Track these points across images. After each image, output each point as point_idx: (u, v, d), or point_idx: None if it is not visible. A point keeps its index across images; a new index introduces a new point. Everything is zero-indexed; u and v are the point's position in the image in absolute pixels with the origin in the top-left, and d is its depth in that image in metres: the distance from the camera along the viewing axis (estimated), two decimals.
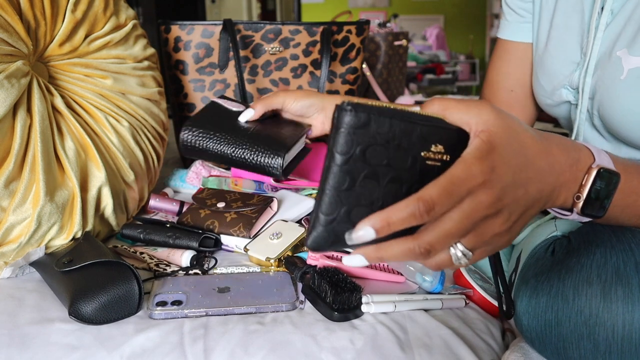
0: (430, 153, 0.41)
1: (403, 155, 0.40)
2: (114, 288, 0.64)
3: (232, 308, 0.65)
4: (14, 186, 0.72)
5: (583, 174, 0.48)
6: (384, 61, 2.06)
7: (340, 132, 0.39)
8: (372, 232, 0.39)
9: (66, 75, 0.86)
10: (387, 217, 0.39)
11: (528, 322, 0.53)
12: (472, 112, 0.43)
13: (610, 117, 0.69)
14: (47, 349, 0.58)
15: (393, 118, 0.40)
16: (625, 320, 0.47)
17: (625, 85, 0.66)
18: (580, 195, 0.48)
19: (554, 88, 0.79)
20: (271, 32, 1.20)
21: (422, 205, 0.38)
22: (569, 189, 0.48)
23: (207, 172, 1.12)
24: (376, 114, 0.39)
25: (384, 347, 0.59)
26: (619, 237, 0.52)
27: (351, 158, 0.39)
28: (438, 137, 0.41)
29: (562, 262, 0.53)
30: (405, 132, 0.40)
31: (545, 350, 0.53)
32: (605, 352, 0.48)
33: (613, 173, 0.49)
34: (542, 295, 0.52)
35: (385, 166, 0.40)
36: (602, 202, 0.49)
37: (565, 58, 0.76)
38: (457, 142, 0.42)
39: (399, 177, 0.40)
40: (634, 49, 0.65)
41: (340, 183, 0.39)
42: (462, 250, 0.41)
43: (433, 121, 0.42)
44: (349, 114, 0.39)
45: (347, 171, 0.39)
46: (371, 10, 6.79)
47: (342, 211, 0.40)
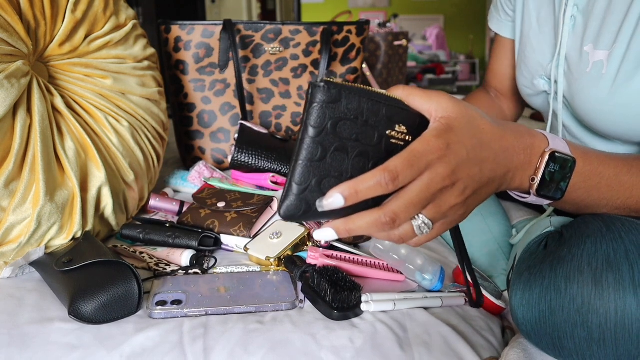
0: (394, 132, 0.45)
1: (370, 131, 0.44)
2: (113, 288, 0.64)
3: (232, 307, 0.65)
4: (14, 186, 0.72)
5: (537, 157, 0.52)
6: (384, 61, 2.07)
7: (313, 107, 0.42)
8: (342, 199, 0.42)
9: (66, 75, 0.87)
10: (355, 185, 0.42)
11: (523, 314, 0.54)
12: (433, 100, 0.47)
13: (580, 109, 0.74)
14: (47, 348, 0.58)
15: (362, 96, 0.43)
16: (617, 306, 0.48)
17: (590, 78, 0.70)
18: (535, 178, 0.52)
19: (532, 77, 0.84)
20: (271, 32, 1.21)
21: (387, 174, 0.42)
22: (524, 172, 0.51)
23: (210, 173, 1.12)
24: (347, 92, 0.43)
25: (383, 346, 0.59)
26: (609, 226, 0.52)
27: (323, 131, 0.42)
28: (402, 118, 0.46)
29: (554, 254, 0.54)
30: (373, 110, 0.44)
31: (541, 342, 0.54)
32: (600, 340, 0.48)
33: (568, 157, 0.53)
34: (535, 287, 0.53)
35: (354, 141, 0.43)
36: (557, 184, 0.53)
37: (541, 49, 0.81)
38: (419, 126, 0.47)
39: (366, 152, 0.44)
40: (599, 43, 0.70)
41: (313, 154, 0.42)
42: (423, 219, 0.45)
43: (398, 103, 0.46)
44: (322, 90, 0.42)
45: (319, 143, 0.42)
46: (371, 10, 6.79)
47: (313, 181, 0.43)
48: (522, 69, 0.86)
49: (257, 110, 1.26)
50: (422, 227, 0.45)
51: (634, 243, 0.50)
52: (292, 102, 1.27)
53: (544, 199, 0.53)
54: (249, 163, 1.05)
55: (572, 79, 0.74)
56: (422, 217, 0.45)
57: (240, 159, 1.05)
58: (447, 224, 0.48)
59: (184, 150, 1.26)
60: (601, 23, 0.69)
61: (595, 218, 0.55)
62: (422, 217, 0.45)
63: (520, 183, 0.52)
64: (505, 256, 0.81)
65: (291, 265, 0.75)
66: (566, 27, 0.74)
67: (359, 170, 0.44)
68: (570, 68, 0.74)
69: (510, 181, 0.51)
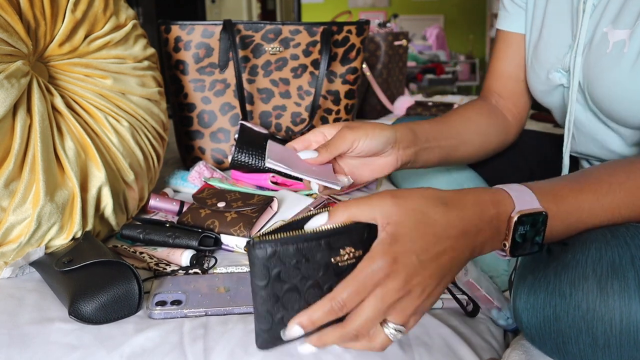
0: (339, 257, 0.46)
1: (315, 267, 0.46)
2: (113, 288, 0.64)
3: (232, 308, 0.65)
4: (14, 186, 0.72)
5: (505, 225, 0.51)
6: (384, 61, 2.06)
7: (255, 265, 0.45)
8: (299, 329, 0.45)
9: (66, 75, 0.86)
10: (309, 315, 0.45)
11: (527, 319, 0.54)
12: (375, 208, 0.47)
13: (599, 94, 0.72)
14: (47, 348, 0.58)
15: (297, 242, 0.45)
16: (622, 313, 0.47)
17: (611, 58, 0.69)
18: (506, 243, 0.51)
19: (548, 72, 0.81)
20: (271, 32, 1.21)
21: (335, 304, 0.45)
22: (494, 242, 0.51)
23: (210, 173, 1.12)
24: (280, 245, 0.45)
25: None
26: (614, 232, 0.52)
27: (269, 283, 0.45)
28: (344, 242, 0.46)
29: (558, 259, 0.54)
30: (311, 249, 0.45)
31: (545, 346, 0.54)
32: (604, 346, 0.48)
33: (536, 214, 0.51)
34: (540, 292, 0.53)
35: (302, 279, 0.46)
36: (531, 240, 0.52)
37: (558, 43, 0.79)
38: (368, 236, 0.47)
39: (317, 283, 0.46)
40: (618, 23, 0.68)
41: (266, 302, 0.46)
42: (394, 327, 0.46)
43: (337, 230, 0.46)
44: (258, 250, 0.45)
45: (270, 293, 0.45)
46: (371, 10, 6.78)
47: (275, 320, 0.46)
48: (535, 66, 0.84)
49: (257, 110, 1.26)
50: (395, 333, 0.46)
51: (639, 248, 0.49)
52: (292, 102, 1.27)
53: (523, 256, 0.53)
54: (249, 163, 1.05)
55: (591, 63, 0.72)
56: (392, 325, 0.46)
57: (241, 159, 1.05)
58: (420, 314, 0.48)
59: (184, 150, 1.26)
60: (622, 4, 0.68)
61: None
62: (391, 324, 0.46)
63: (492, 249, 0.52)
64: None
65: None
66: (586, 16, 0.73)
67: (315, 298, 0.46)
68: (589, 52, 0.73)
69: (481, 251, 0.51)
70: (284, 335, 0.46)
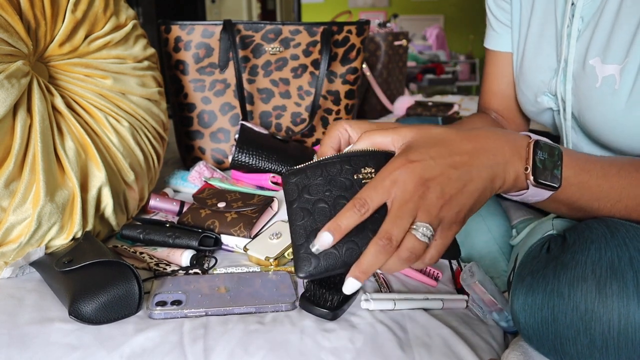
0: (361, 174, 0.52)
1: (339, 182, 0.52)
2: (114, 288, 0.64)
3: (232, 308, 0.65)
4: (14, 186, 0.72)
5: (524, 149, 0.53)
6: (384, 61, 2.06)
7: (286, 188, 0.53)
8: (329, 235, 0.48)
9: (66, 75, 0.86)
10: (336, 220, 0.48)
11: (525, 319, 0.54)
12: (390, 133, 0.53)
13: (590, 125, 0.71)
14: (47, 348, 0.58)
15: (321, 164, 0.53)
16: (620, 314, 0.47)
17: (601, 93, 0.68)
18: (527, 167, 0.53)
19: (535, 95, 0.81)
20: (271, 32, 1.21)
21: (356, 202, 0.48)
22: (515, 165, 0.53)
23: (210, 173, 1.12)
24: (308, 167, 0.53)
25: (383, 347, 0.59)
26: (614, 232, 0.52)
27: (298, 199, 0.52)
28: (365, 162, 0.53)
29: (557, 259, 0.53)
30: (334, 167, 0.53)
31: (543, 347, 0.53)
32: (602, 347, 0.48)
33: (553, 146, 0.54)
34: (538, 292, 0.52)
35: (329, 193, 0.52)
36: (551, 171, 0.54)
37: (542, 65, 0.78)
38: (386, 162, 0.51)
39: (343, 196, 0.51)
40: (606, 57, 0.67)
41: (298, 218, 0.51)
42: (421, 225, 0.47)
43: (357, 152, 0.54)
44: (289, 174, 0.53)
45: (300, 208, 0.51)
46: (371, 10, 6.78)
47: (310, 236, 0.50)
48: (522, 87, 0.83)
49: (257, 110, 1.26)
50: (424, 232, 0.47)
51: (638, 250, 0.49)
52: (292, 102, 1.27)
53: (543, 190, 0.54)
54: (249, 163, 1.05)
55: (580, 95, 0.71)
56: (419, 224, 0.47)
57: (241, 159, 1.05)
58: (448, 227, 0.49)
59: (184, 150, 1.26)
60: (608, 35, 0.67)
61: (599, 223, 0.54)
62: (418, 223, 0.47)
63: (515, 176, 0.53)
64: (506, 257, 0.81)
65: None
66: (572, 42, 0.71)
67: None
68: (576, 83, 0.72)
69: (504, 174, 0.52)
70: (314, 248, 0.49)
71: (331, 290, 0.64)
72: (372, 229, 0.49)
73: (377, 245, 0.47)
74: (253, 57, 1.22)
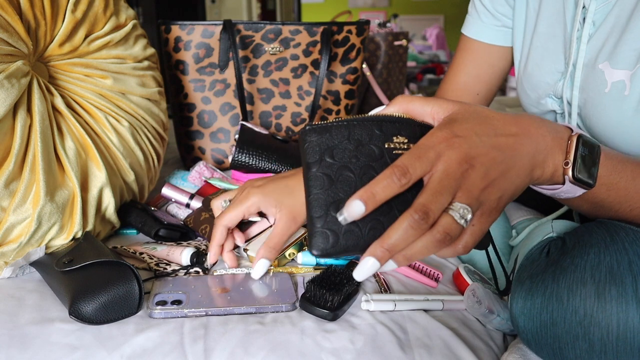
0: (393, 144, 0.46)
1: (368, 149, 0.46)
2: (114, 288, 0.64)
3: (232, 308, 0.65)
4: (14, 186, 0.72)
5: (566, 141, 0.51)
6: (384, 61, 2.06)
7: (306, 147, 0.46)
8: (361, 204, 0.42)
9: (66, 75, 0.86)
10: (369, 188, 0.42)
11: (524, 323, 0.53)
12: (431, 103, 0.49)
13: (597, 129, 0.70)
14: (47, 349, 0.58)
15: (349, 123, 0.46)
16: (619, 319, 0.47)
17: (610, 99, 0.67)
18: (568, 161, 0.50)
19: (539, 97, 0.79)
20: (271, 32, 1.21)
21: (396, 170, 0.43)
22: (555, 155, 0.50)
23: (210, 173, 1.12)
24: (333, 126, 0.46)
25: (384, 348, 0.59)
26: (613, 236, 0.52)
27: (321, 162, 0.45)
28: (397, 130, 0.47)
29: (557, 263, 0.53)
30: (363, 131, 0.46)
31: (542, 351, 0.53)
32: (601, 352, 0.48)
33: (593, 143, 0.52)
34: (537, 296, 0.52)
35: (356, 160, 0.45)
36: (589, 169, 0.51)
37: (549, 67, 0.77)
38: (420, 135, 0.47)
39: (371, 167, 0.45)
40: (615, 62, 0.66)
41: (321, 184, 0.44)
42: (460, 206, 0.43)
43: (389, 118, 0.48)
44: (309, 131, 0.46)
45: (323, 173, 0.45)
46: (371, 10, 6.78)
47: (331, 209, 0.44)
48: (526, 88, 0.82)
49: (257, 111, 1.26)
50: (463, 213, 0.43)
51: (637, 254, 0.49)
52: (292, 102, 1.27)
53: (578, 187, 0.51)
54: (249, 163, 1.05)
55: (587, 99, 0.70)
56: (457, 204, 0.43)
57: (241, 160, 1.05)
58: (488, 212, 0.45)
59: (184, 150, 1.26)
60: (618, 39, 0.66)
61: (599, 226, 0.54)
62: (457, 203, 0.43)
63: (554, 168, 0.50)
64: (505, 257, 0.81)
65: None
66: (582, 46, 0.70)
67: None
68: (584, 87, 0.71)
69: (543, 164, 0.49)
70: (341, 218, 0.43)
71: (331, 291, 0.64)
72: (400, 209, 0.43)
73: (410, 218, 0.41)
74: (253, 57, 1.22)
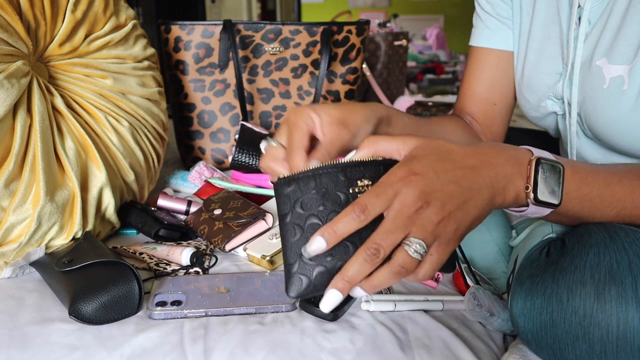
0: (357, 187, 0.50)
1: (334, 196, 0.49)
2: (114, 288, 0.64)
3: (232, 308, 0.65)
4: (14, 186, 0.72)
5: (525, 166, 0.52)
6: (384, 61, 2.06)
7: (279, 197, 0.50)
8: (322, 241, 0.46)
9: (66, 75, 0.86)
10: (331, 225, 0.47)
11: (524, 323, 0.53)
12: (397, 140, 0.52)
13: (597, 126, 0.70)
14: (47, 349, 0.58)
15: (315, 174, 0.50)
16: (619, 319, 0.47)
17: (608, 94, 0.67)
18: (528, 186, 0.52)
19: (539, 100, 0.79)
20: (271, 32, 1.20)
21: (356, 208, 0.46)
22: (515, 182, 0.52)
23: (210, 173, 1.12)
24: (301, 177, 0.50)
25: (384, 348, 0.59)
26: (613, 236, 0.52)
27: (291, 213, 0.49)
28: (362, 174, 0.51)
29: (556, 263, 0.53)
30: (329, 179, 0.50)
31: (542, 351, 0.53)
32: (601, 353, 0.48)
33: (555, 162, 0.53)
34: (537, 296, 0.52)
35: (323, 208, 0.49)
36: (552, 189, 0.53)
37: (547, 69, 0.77)
38: (386, 172, 0.49)
39: (337, 212, 0.48)
40: (613, 58, 0.66)
41: (291, 234, 0.49)
42: (414, 241, 0.46)
43: (354, 163, 0.51)
44: (279, 184, 0.50)
45: (293, 223, 0.49)
46: (371, 10, 6.78)
47: (302, 255, 0.48)
48: (525, 92, 0.81)
49: (257, 111, 1.26)
50: (417, 248, 0.46)
51: (637, 254, 0.49)
52: (292, 102, 1.27)
53: (544, 208, 0.53)
54: (249, 163, 1.05)
55: (586, 97, 0.70)
56: (412, 239, 0.46)
57: (241, 160, 1.05)
58: (445, 243, 0.48)
59: (184, 150, 1.26)
60: (615, 36, 0.66)
61: (598, 227, 0.54)
62: (412, 239, 0.46)
63: (515, 194, 0.52)
64: (505, 258, 0.81)
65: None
66: (579, 44, 0.70)
67: None
68: (582, 85, 0.71)
69: (504, 192, 0.51)
70: (305, 253, 0.47)
71: None
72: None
73: (364, 254, 0.46)
74: (253, 57, 1.22)
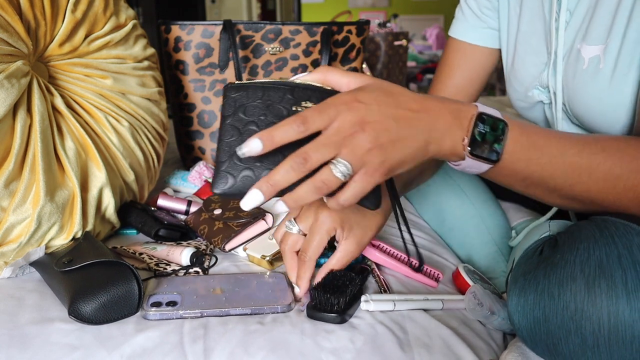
0: (301, 108, 0.52)
1: (277, 110, 0.52)
2: (114, 288, 0.64)
3: (227, 309, 0.65)
4: (14, 186, 0.72)
5: (468, 120, 0.54)
6: (384, 61, 2.07)
7: (224, 101, 0.53)
8: (259, 142, 0.48)
9: (66, 75, 0.86)
10: (270, 131, 0.48)
11: (518, 320, 0.54)
12: (350, 75, 0.54)
13: (579, 110, 0.72)
14: (47, 348, 0.58)
15: (264, 87, 0.52)
16: (610, 312, 0.47)
17: (587, 75, 0.69)
18: (465, 138, 0.53)
19: (526, 89, 0.81)
20: (271, 32, 1.21)
21: (297, 119, 0.48)
22: (454, 133, 0.53)
23: (210, 173, 1.12)
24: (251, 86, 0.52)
25: (383, 347, 0.59)
26: (602, 230, 0.52)
27: (233, 115, 0.52)
28: (308, 97, 0.53)
29: (548, 260, 0.54)
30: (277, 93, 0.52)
31: (537, 347, 0.54)
32: (594, 346, 0.48)
33: (498, 119, 0.54)
34: (530, 293, 0.53)
35: (264, 117, 0.52)
36: (491, 145, 0.54)
37: (533, 60, 0.79)
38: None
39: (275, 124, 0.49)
40: (590, 39, 0.68)
41: (229, 135, 0.51)
42: (341, 162, 0.48)
43: (303, 85, 0.53)
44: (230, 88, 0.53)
45: (232, 125, 0.51)
46: (371, 10, 6.78)
47: (234, 156, 0.50)
48: (514, 84, 0.84)
49: None
50: (342, 169, 0.48)
51: (626, 247, 0.49)
52: None
53: (481, 162, 0.54)
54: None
55: (569, 80, 0.73)
56: (340, 160, 0.48)
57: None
58: (370, 173, 0.49)
59: (184, 150, 1.26)
60: (590, 18, 0.68)
61: (589, 223, 0.55)
62: (339, 159, 0.48)
63: (452, 145, 0.53)
64: (505, 258, 0.82)
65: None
66: (561, 33, 0.72)
67: None
68: (565, 71, 0.73)
69: (440, 141, 0.53)
70: (240, 152, 0.48)
71: (336, 294, 0.64)
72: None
73: (292, 161, 0.48)
74: (253, 57, 1.22)
